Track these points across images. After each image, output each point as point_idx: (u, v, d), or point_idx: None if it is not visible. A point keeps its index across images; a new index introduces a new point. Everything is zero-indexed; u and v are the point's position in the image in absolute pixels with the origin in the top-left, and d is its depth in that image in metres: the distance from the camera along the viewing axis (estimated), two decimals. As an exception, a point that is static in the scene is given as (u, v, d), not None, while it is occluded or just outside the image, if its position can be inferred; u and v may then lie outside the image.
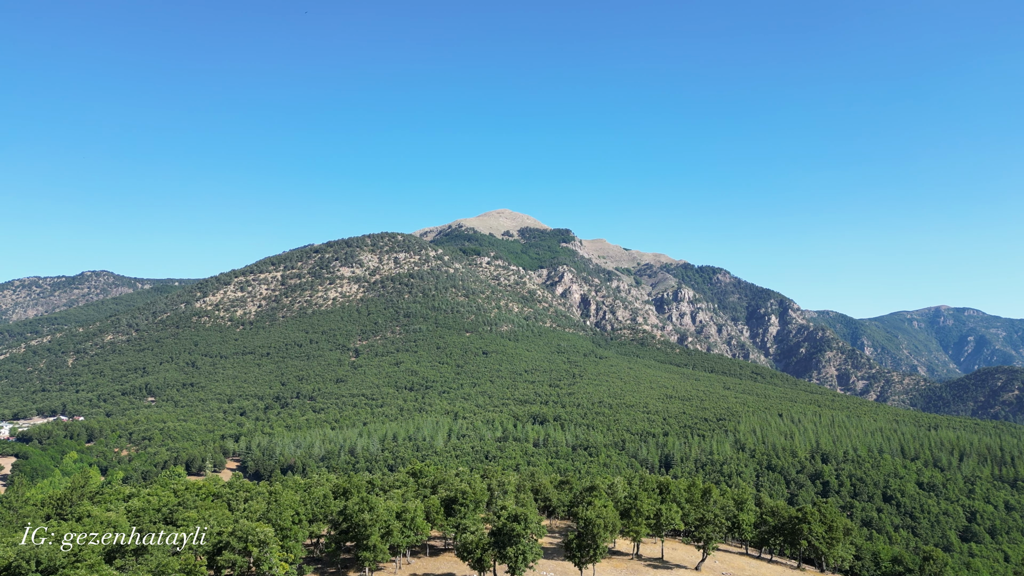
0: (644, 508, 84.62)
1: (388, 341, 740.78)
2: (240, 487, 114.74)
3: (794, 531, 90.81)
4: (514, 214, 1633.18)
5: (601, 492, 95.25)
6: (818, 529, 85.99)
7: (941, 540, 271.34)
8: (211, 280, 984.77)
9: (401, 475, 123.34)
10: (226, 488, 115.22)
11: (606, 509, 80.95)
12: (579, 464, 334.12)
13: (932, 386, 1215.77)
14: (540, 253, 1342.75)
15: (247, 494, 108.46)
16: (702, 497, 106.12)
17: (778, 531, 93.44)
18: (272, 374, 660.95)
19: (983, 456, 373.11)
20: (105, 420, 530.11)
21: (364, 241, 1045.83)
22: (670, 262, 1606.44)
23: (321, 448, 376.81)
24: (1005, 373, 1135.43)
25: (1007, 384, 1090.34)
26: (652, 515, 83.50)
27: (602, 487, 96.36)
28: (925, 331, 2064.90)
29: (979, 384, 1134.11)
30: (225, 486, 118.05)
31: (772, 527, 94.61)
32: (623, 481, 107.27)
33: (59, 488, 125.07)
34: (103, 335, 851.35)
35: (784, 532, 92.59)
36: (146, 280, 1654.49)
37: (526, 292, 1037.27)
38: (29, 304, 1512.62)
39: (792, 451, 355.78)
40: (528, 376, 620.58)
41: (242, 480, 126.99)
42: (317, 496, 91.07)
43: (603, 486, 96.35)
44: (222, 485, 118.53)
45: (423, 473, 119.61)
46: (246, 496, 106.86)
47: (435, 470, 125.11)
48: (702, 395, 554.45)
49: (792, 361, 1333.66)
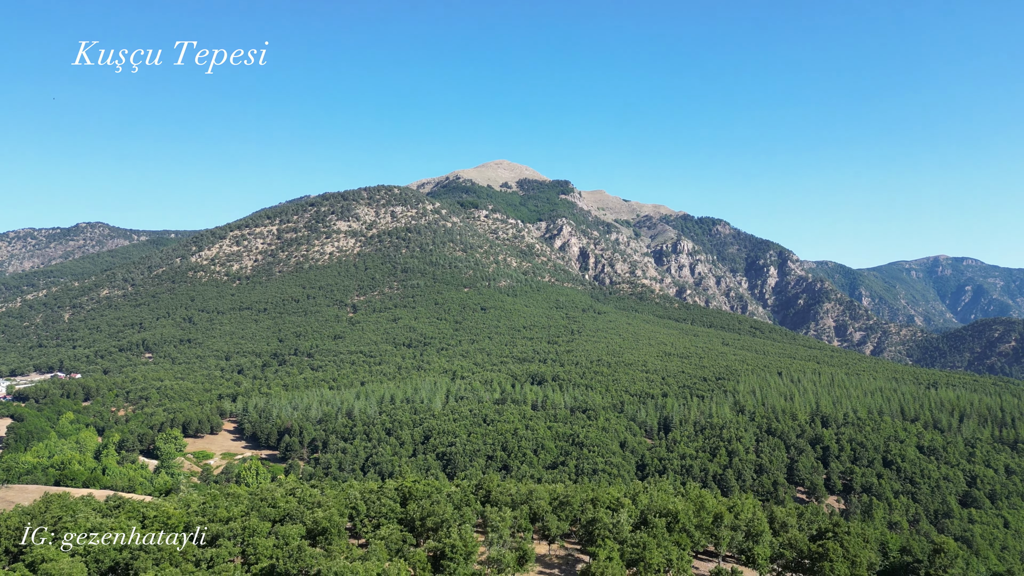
0: (653, 561, 79.61)
1: (386, 297, 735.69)
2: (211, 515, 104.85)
3: (814, 568, 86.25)
4: (513, 165, 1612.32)
5: (604, 524, 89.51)
6: (841, 569, 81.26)
7: (941, 506, 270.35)
8: (206, 234, 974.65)
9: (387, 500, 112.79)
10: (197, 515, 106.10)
11: (611, 565, 75.82)
12: (577, 428, 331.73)
13: (929, 337, 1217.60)
14: (539, 205, 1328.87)
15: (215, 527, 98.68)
16: (713, 523, 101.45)
17: (797, 566, 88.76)
18: (269, 330, 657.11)
19: (983, 417, 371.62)
20: (102, 378, 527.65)
21: (360, 194, 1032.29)
22: (670, 213, 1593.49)
23: (318, 410, 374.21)
24: (1002, 324, 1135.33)
25: (1004, 335, 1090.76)
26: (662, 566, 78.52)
27: (605, 519, 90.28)
28: (923, 281, 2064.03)
29: (976, 335, 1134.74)
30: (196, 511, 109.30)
31: (789, 561, 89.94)
32: (627, 511, 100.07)
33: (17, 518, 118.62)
34: (99, 290, 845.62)
35: (803, 568, 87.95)
36: (142, 232, 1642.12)
37: (524, 246, 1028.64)
38: (25, 256, 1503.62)
39: (792, 414, 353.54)
40: (526, 332, 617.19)
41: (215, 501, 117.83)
42: (292, 548, 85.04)
43: (606, 519, 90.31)
44: (193, 511, 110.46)
45: (412, 494, 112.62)
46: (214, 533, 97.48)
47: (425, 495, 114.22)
48: (701, 352, 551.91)
49: (790, 313, 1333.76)
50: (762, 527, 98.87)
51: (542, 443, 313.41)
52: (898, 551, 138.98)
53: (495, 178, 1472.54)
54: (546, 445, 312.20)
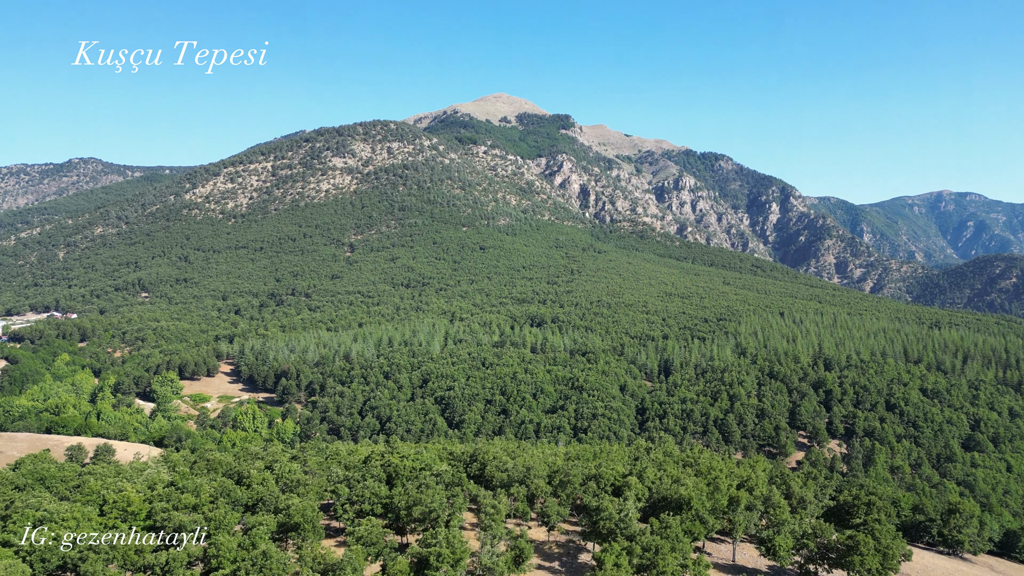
0: (668, 569, 73.36)
1: (383, 236, 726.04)
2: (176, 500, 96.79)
3: (841, 562, 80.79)
4: (512, 98, 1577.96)
5: (609, 515, 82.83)
6: (872, 563, 75.82)
7: (944, 450, 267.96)
8: (200, 170, 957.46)
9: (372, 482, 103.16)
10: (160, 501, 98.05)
11: (619, 573, 69.75)
12: (577, 371, 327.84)
13: (929, 274, 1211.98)
14: (539, 141, 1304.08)
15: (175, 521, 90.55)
16: (728, 505, 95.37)
17: (822, 557, 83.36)
18: (266, 269, 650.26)
19: (987, 358, 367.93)
20: (98, 319, 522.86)
21: (356, 130, 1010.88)
22: (672, 148, 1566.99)
23: (315, 353, 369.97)
24: (1004, 261, 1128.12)
25: (1005, 272, 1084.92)
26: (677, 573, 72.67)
27: (611, 510, 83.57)
28: (925, 216, 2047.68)
29: (977, 272, 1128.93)
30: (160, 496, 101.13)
31: (813, 552, 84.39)
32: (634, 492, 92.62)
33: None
34: (92, 227, 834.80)
35: (828, 559, 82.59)
36: (136, 167, 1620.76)
37: (524, 183, 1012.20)
38: (19, 192, 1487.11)
39: (795, 356, 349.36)
40: (526, 272, 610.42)
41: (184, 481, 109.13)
42: (257, 555, 78.48)
43: (612, 510, 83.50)
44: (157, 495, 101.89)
45: (399, 472, 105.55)
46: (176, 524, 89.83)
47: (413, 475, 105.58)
48: (702, 292, 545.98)
49: (791, 250, 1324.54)
50: (783, 514, 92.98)
51: (541, 387, 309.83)
52: (910, 510, 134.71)
53: (494, 112, 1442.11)
54: (545, 389, 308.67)
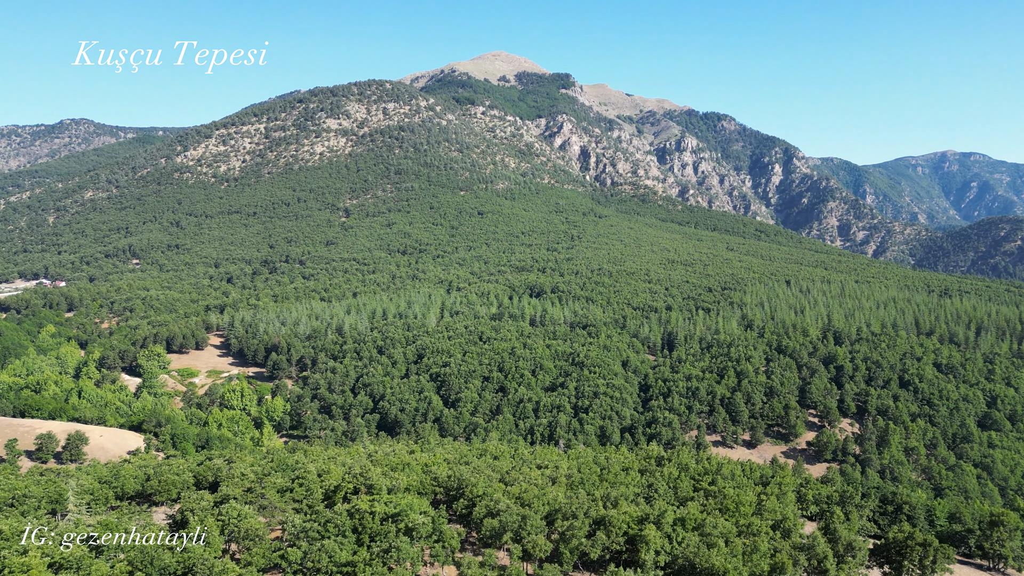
0: None
1: (379, 200, 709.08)
2: (87, 571, 76.56)
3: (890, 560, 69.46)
4: (511, 57, 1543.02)
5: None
6: None
7: (960, 429, 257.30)
8: (191, 132, 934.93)
9: (332, 543, 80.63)
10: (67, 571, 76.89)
11: None
12: (577, 346, 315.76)
13: (933, 236, 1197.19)
14: (538, 100, 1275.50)
15: None
16: (770, 572, 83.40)
17: None
18: (260, 235, 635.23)
19: (1001, 330, 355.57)
20: (87, 287, 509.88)
21: (350, 90, 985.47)
22: (674, 108, 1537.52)
23: (307, 326, 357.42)
24: (1009, 223, 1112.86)
25: (1010, 234, 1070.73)
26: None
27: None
28: (928, 177, 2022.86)
29: (981, 234, 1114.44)
30: (70, 564, 78.50)
31: None
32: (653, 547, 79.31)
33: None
34: (83, 191, 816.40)
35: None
36: (129, 129, 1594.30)
37: (523, 145, 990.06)
38: (10, 154, 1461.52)
39: (803, 329, 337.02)
40: (525, 239, 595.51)
41: (102, 535, 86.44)
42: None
43: None
44: (65, 559, 79.11)
45: (365, 528, 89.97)
46: None
47: (383, 533, 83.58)
48: (705, 259, 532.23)
49: (793, 212, 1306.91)
50: (830, 566, 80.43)
51: (540, 363, 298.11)
52: (946, 519, 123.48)
53: (492, 71, 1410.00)
54: (545, 365, 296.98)
